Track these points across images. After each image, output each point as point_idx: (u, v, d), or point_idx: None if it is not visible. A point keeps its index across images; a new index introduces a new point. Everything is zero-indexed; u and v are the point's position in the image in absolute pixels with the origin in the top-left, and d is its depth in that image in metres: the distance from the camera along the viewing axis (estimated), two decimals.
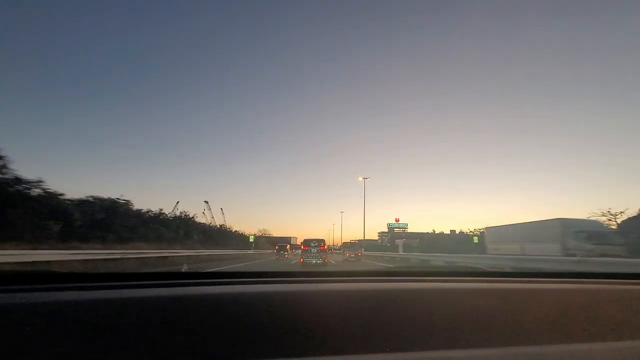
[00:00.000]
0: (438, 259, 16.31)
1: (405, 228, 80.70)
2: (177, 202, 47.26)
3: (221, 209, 57.04)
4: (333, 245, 55.48)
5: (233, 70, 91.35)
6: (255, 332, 0.65)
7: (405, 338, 0.70)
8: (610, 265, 7.93)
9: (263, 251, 40.66)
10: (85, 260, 9.90)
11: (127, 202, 24.01)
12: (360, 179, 44.35)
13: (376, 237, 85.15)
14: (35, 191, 15.32)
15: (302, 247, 17.70)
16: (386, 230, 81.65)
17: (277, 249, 26.36)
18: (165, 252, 16.14)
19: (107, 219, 20.34)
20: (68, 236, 15.57)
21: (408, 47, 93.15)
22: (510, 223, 22.07)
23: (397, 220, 77.79)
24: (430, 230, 68.48)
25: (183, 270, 7.50)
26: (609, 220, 24.96)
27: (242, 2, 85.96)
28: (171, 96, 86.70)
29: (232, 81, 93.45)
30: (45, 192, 15.98)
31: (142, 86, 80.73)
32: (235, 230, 56.45)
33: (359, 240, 55.08)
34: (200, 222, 39.50)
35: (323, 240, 17.51)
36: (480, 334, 0.73)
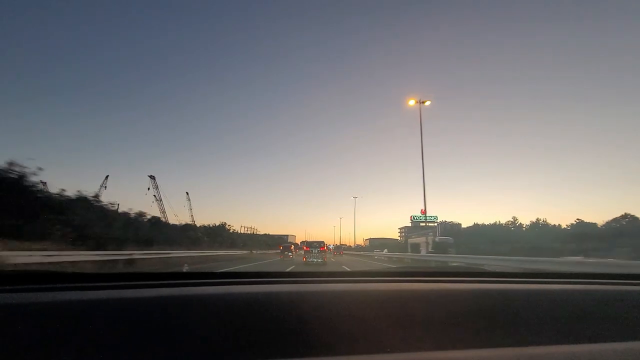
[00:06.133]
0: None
1: (434, 222, 66.24)
2: (107, 176, 40.22)
3: (187, 192, 48.25)
4: (328, 245, 54.72)
5: (239, 77, 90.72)
6: (258, 333, 0.65)
7: (406, 338, 0.69)
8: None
9: (233, 252, 30.36)
10: None
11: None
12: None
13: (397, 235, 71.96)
14: None
15: (304, 248, 19.41)
16: (409, 224, 67.40)
17: (281, 249, 26.84)
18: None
19: None
20: None
21: (411, 48, 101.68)
22: None
23: (423, 213, 63.66)
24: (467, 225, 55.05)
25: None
26: None
27: (248, 14, 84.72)
28: (169, 95, 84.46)
29: (236, 86, 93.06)
30: None
31: (143, 91, 77.48)
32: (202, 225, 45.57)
33: (370, 239, 62.20)
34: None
35: (323, 242, 19.12)
36: (481, 334, 0.73)
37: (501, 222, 51.15)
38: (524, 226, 46.59)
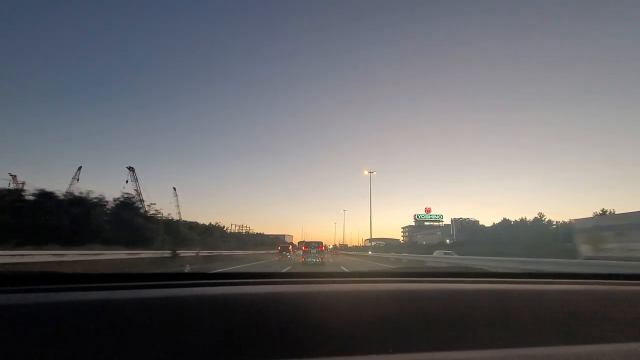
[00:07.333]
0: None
1: (439, 220, 58.88)
2: (79, 167, 37.10)
3: (174, 188, 44.87)
4: (327, 245, 50.90)
5: (235, 75, 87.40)
6: (258, 333, 0.65)
7: (406, 339, 0.69)
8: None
9: (134, 251, 16.90)
10: None
11: None
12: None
13: (400, 235, 64.84)
14: None
15: (303, 248, 20.29)
16: (413, 223, 60.04)
17: (279, 249, 27.47)
18: None
19: None
20: None
21: (412, 46, 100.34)
22: None
23: (427, 211, 56.33)
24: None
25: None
26: None
27: (241, 9, 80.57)
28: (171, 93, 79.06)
29: (230, 83, 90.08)
30: None
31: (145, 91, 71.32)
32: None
33: (372, 238, 53.74)
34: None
35: (321, 243, 20.12)
36: (483, 335, 0.73)
37: (528, 219, 44.79)
38: (554, 223, 40.67)
